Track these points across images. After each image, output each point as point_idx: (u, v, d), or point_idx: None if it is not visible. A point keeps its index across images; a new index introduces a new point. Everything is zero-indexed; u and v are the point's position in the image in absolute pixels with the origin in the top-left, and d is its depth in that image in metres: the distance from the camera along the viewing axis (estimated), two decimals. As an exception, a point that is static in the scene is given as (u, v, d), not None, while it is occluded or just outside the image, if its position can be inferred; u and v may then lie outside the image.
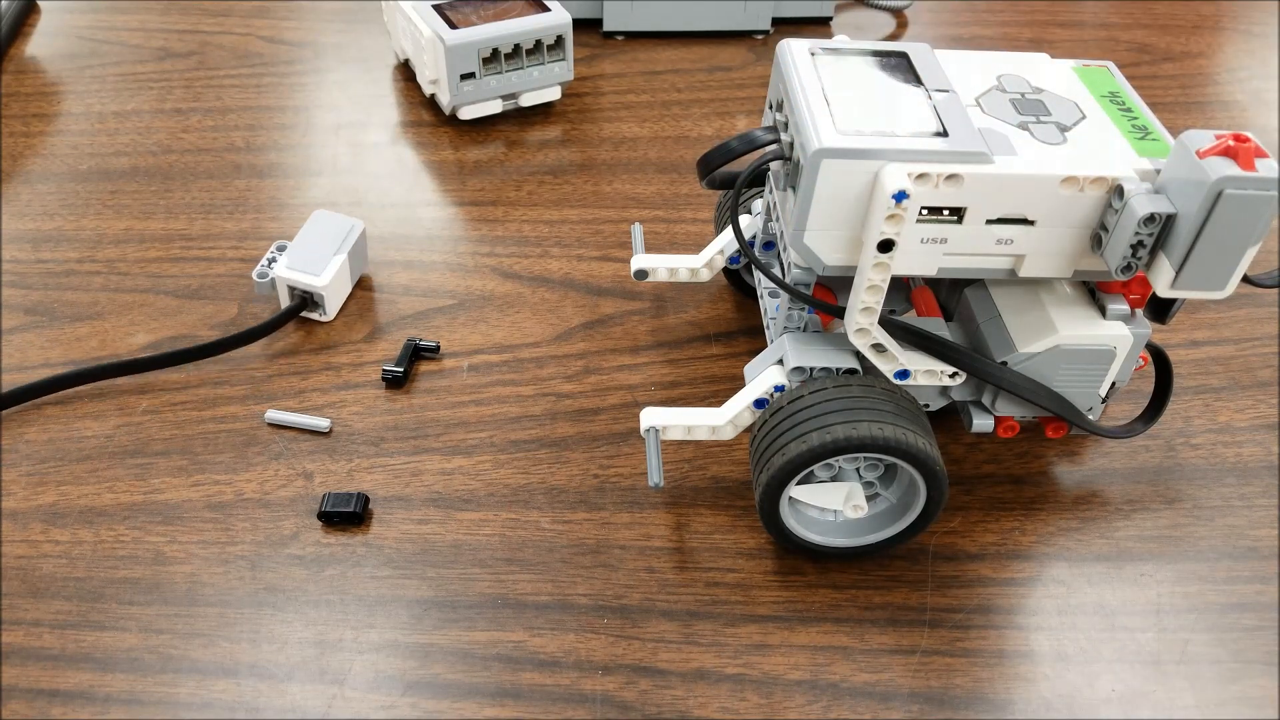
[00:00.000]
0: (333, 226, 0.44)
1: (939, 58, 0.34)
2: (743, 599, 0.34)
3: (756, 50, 0.64)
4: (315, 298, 0.43)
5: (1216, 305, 0.45)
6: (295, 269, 0.42)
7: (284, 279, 0.42)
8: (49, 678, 0.31)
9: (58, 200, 0.50)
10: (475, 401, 0.40)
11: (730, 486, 0.38)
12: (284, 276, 0.42)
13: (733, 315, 0.45)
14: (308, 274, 0.42)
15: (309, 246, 0.43)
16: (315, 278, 0.42)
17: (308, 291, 0.42)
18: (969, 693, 0.32)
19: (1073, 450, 0.39)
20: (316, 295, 0.42)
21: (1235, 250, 0.28)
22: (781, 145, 0.32)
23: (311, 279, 0.42)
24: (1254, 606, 0.34)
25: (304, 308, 0.43)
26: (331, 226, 0.44)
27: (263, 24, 0.65)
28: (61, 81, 0.59)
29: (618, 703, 0.31)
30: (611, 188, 0.52)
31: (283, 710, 0.31)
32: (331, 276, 0.42)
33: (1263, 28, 0.69)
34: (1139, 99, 0.34)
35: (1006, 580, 0.35)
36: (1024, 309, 0.33)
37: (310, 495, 0.37)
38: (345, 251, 0.43)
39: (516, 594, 0.34)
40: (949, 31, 0.68)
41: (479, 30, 0.52)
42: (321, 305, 0.43)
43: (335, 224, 0.44)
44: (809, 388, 0.32)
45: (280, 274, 0.42)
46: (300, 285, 0.42)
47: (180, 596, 0.34)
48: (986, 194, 0.30)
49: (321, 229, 0.44)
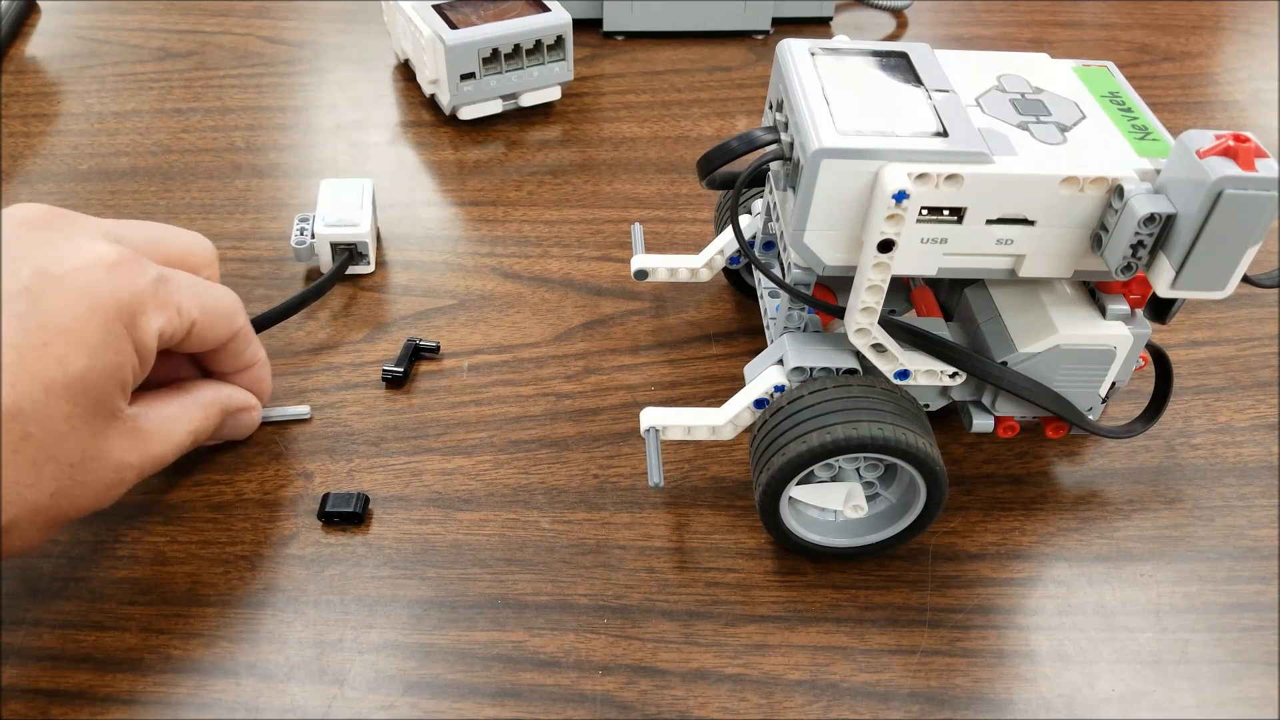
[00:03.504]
0: (346, 188, 0.47)
1: (939, 58, 0.34)
2: (743, 599, 0.34)
3: (756, 50, 0.64)
4: (359, 248, 0.45)
5: (1216, 305, 0.45)
6: (334, 226, 0.45)
7: (325, 236, 0.45)
8: (49, 678, 0.31)
9: (58, 200, 0.50)
10: (475, 401, 0.40)
11: (730, 486, 0.38)
12: (324, 234, 0.45)
13: (733, 315, 0.45)
14: (347, 228, 0.45)
15: (336, 207, 0.46)
16: (356, 228, 0.45)
17: (350, 245, 0.45)
18: (969, 693, 0.32)
19: (1073, 450, 0.39)
20: (360, 246, 0.45)
21: (1235, 250, 0.28)
22: (781, 145, 0.32)
23: (352, 230, 0.45)
24: (1254, 606, 0.34)
25: (350, 262, 0.45)
26: (345, 189, 0.47)
27: (263, 24, 0.65)
28: (61, 81, 0.59)
29: (618, 703, 0.31)
30: (611, 188, 0.52)
31: (283, 710, 0.31)
32: (368, 226, 0.45)
33: (1263, 28, 0.69)
34: (1139, 99, 0.34)
35: (1006, 580, 0.35)
36: (1024, 309, 0.33)
37: (310, 495, 0.37)
38: (368, 206, 0.46)
39: (516, 594, 0.34)
40: (949, 31, 0.68)
41: (479, 30, 0.52)
42: (366, 256, 0.45)
43: (348, 186, 0.47)
44: (809, 388, 0.32)
45: (321, 232, 0.44)
46: (344, 240, 0.45)
47: (180, 596, 0.34)
48: (986, 194, 0.30)
49: (337, 193, 0.46)
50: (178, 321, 0.31)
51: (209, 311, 0.33)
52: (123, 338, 0.29)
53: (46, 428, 0.28)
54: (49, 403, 0.27)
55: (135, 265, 0.30)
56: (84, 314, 0.28)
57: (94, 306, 0.28)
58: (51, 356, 0.27)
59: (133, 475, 0.31)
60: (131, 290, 0.29)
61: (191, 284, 0.32)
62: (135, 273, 0.30)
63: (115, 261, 0.29)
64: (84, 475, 0.29)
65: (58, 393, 0.27)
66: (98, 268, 0.29)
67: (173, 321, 0.31)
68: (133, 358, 0.29)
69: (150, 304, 0.30)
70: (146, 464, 0.32)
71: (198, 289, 0.33)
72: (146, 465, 0.32)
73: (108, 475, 0.30)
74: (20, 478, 0.28)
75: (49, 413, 0.27)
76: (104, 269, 0.29)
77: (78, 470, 0.29)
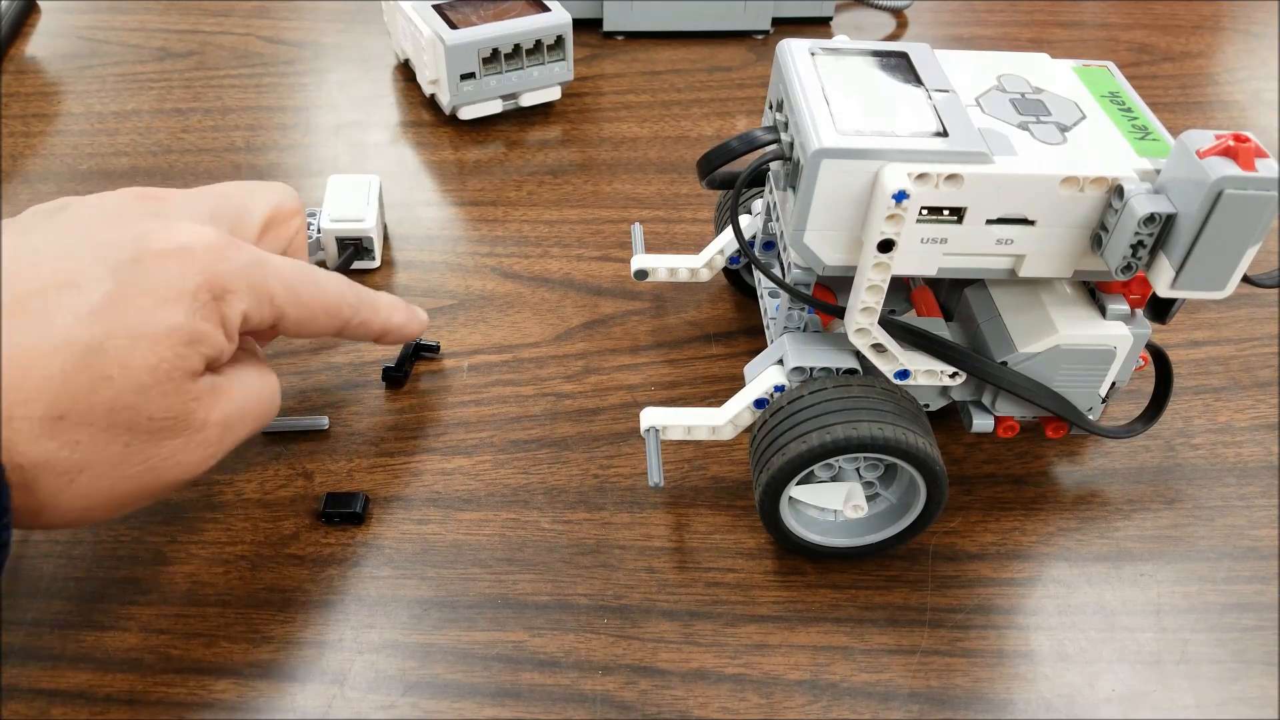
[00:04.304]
0: (353, 183, 0.47)
1: (939, 58, 0.34)
2: (743, 599, 0.34)
3: (756, 50, 0.64)
4: (365, 243, 0.45)
5: (1216, 305, 0.45)
6: (339, 221, 0.45)
7: (330, 231, 0.45)
8: (49, 678, 0.31)
9: (58, 200, 0.50)
10: (475, 401, 0.40)
11: (730, 486, 0.38)
12: (330, 229, 0.45)
13: (733, 315, 0.45)
14: (353, 222, 0.45)
15: (342, 202, 0.46)
16: (361, 223, 0.45)
17: (355, 239, 0.45)
18: (969, 693, 0.32)
19: (1073, 450, 0.39)
20: (365, 241, 0.45)
21: (1235, 250, 0.28)
22: (781, 145, 0.32)
23: (358, 225, 0.45)
24: (1254, 606, 0.34)
25: (355, 257, 0.46)
26: (352, 184, 0.47)
27: (263, 24, 0.65)
28: (61, 81, 0.59)
29: (618, 703, 0.31)
30: (611, 188, 0.52)
31: (283, 710, 0.31)
32: (374, 221, 0.45)
33: (1263, 28, 0.69)
34: (1139, 99, 0.34)
35: (1006, 580, 0.35)
36: (1024, 309, 0.33)
37: (310, 495, 0.37)
38: (374, 201, 0.46)
39: (516, 594, 0.34)
40: (949, 31, 0.68)
41: (479, 30, 0.52)
42: (371, 250, 0.46)
43: (354, 181, 0.47)
44: (809, 388, 0.32)
45: (327, 227, 0.45)
46: (349, 235, 0.45)
47: (180, 596, 0.34)
48: (986, 194, 0.30)
49: (343, 189, 0.47)
50: (268, 309, 0.31)
51: (305, 304, 0.33)
52: (210, 308, 0.29)
53: (128, 375, 0.28)
54: (134, 350, 0.28)
55: (230, 247, 0.31)
56: (176, 280, 0.29)
57: (186, 275, 0.29)
58: (141, 307, 0.28)
59: (217, 433, 0.31)
60: (222, 269, 0.30)
61: (292, 274, 0.32)
62: (230, 253, 0.30)
63: (212, 243, 0.30)
64: (164, 432, 0.29)
65: (144, 344, 0.28)
66: (196, 245, 0.30)
67: (262, 308, 0.31)
68: (217, 332, 0.30)
69: (241, 285, 0.30)
70: (233, 423, 0.31)
71: (297, 279, 0.32)
72: (234, 425, 0.31)
73: (192, 435, 0.30)
74: (96, 419, 0.27)
75: (132, 361, 0.28)
76: (202, 246, 0.30)
77: (157, 425, 0.29)
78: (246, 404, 0.32)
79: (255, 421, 0.32)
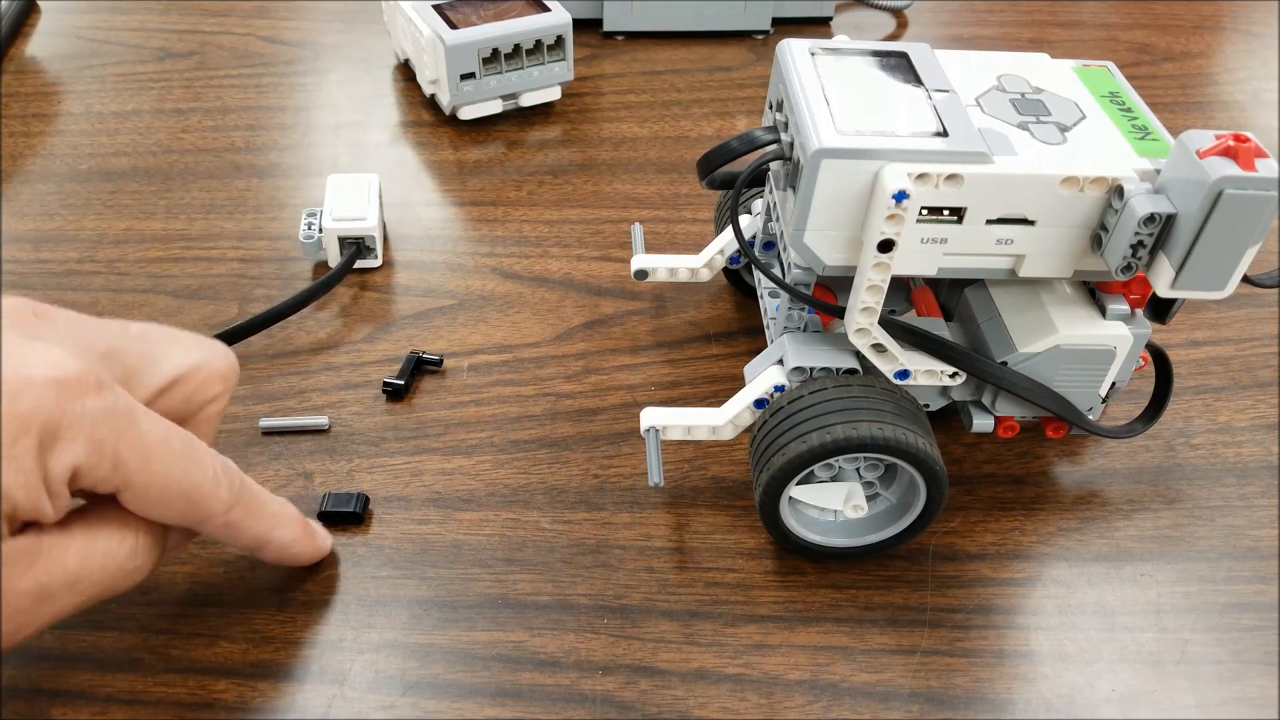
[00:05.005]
0: (354, 183, 0.47)
1: (939, 58, 0.34)
2: (743, 599, 0.34)
3: (756, 50, 0.64)
4: (367, 242, 0.45)
5: (1216, 305, 0.45)
6: (341, 220, 0.45)
7: (332, 230, 0.45)
8: (49, 678, 0.31)
9: (58, 200, 0.50)
10: (475, 401, 0.40)
11: (730, 486, 0.38)
12: (332, 228, 0.45)
13: (733, 315, 0.45)
14: (354, 221, 0.45)
15: (343, 202, 0.46)
16: (363, 222, 0.45)
17: (357, 238, 0.45)
18: (969, 693, 0.32)
19: (1073, 450, 0.39)
20: (368, 239, 0.45)
21: (1235, 250, 0.28)
22: (781, 145, 0.32)
23: (360, 224, 0.45)
24: (1254, 606, 0.34)
25: (358, 256, 0.45)
26: (352, 183, 0.47)
27: (263, 24, 0.65)
28: (61, 81, 0.59)
29: (618, 703, 0.31)
30: (611, 188, 0.52)
31: (283, 710, 0.31)
32: (375, 220, 0.45)
33: (1263, 28, 0.69)
34: (1139, 99, 0.34)
35: (1006, 580, 0.35)
36: (1024, 309, 0.33)
37: (310, 495, 0.37)
38: (375, 200, 0.46)
39: (516, 594, 0.34)
40: (949, 31, 0.68)
41: (479, 30, 0.52)
42: (373, 249, 0.46)
43: (355, 181, 0.47)
44: (809, 388, 0.32)
45: (329, 226, 0.45)
46: (351, 234, 0.45)
47: (180, 596, 0.34)
48: (986, 194, 0.30)
49: (344, 188, 0.47)
50: (106, 471, 0.26)
51: (157, 483, 0.27)
52: (28, 456, 0.24)
53: None
54: None
55: (90, 388, 0.25)
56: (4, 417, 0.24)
57: (13, 414, 0.24)
58: None
59: (28, 603, 0.26)
60: (66, 409, 0.25)
61: (158, 443, 0.27)
62: (86, 394, 0.25)
63: (67, 377, 0.25)
64: None
65: None
66: (43, 377, 0.25)
67: (100, 467, 0.25)
68: (30, 487, 0.25)
69: (80, 434, 0.25)
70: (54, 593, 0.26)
71: (161, 451, 0.27)
72: (56, 595, 0.26)
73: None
74: None
75: None
76: (50, 379, 0.25)
77: None
78: (80, 571, 0.26)
79: (96, 589, 0.27)
